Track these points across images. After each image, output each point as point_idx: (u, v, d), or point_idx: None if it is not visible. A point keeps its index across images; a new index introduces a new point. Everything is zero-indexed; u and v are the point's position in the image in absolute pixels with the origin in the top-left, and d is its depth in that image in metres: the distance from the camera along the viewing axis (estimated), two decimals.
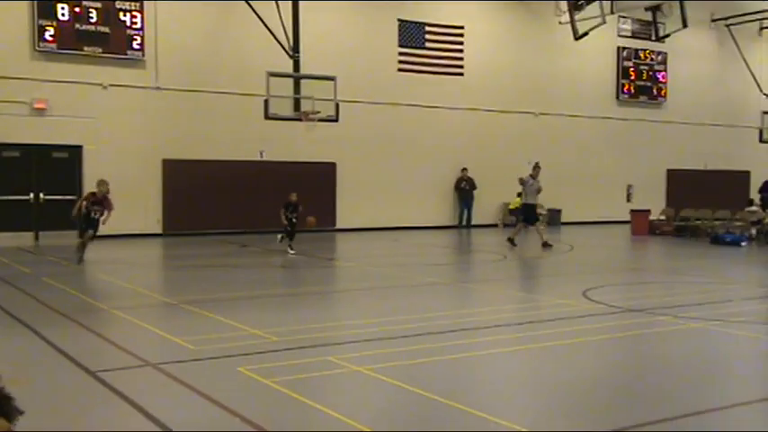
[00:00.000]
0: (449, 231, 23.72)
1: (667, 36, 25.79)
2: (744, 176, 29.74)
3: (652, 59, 28.60)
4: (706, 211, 22.86)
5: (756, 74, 29.19)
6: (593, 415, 5.57)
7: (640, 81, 28.38)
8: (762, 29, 29.93)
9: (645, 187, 28.18)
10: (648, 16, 25.56)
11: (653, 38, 26.23)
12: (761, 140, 28.31)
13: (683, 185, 28.52)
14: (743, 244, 19.52)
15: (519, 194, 20.87)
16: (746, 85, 29.35)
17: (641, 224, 23.16)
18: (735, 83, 29.86)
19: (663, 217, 24.23)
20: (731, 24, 29.14)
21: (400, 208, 23.93)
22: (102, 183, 14.16)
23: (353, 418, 5.28)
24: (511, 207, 25.61)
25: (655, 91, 28.75)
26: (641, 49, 28.29)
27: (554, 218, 26.12)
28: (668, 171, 29.11)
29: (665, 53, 28.61)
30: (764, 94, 29.04)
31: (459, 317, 9.35)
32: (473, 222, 24.90)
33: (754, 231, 20.87)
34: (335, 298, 11.69)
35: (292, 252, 15.91)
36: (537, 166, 18.79)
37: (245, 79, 20.71)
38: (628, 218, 24.24)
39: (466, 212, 24.96)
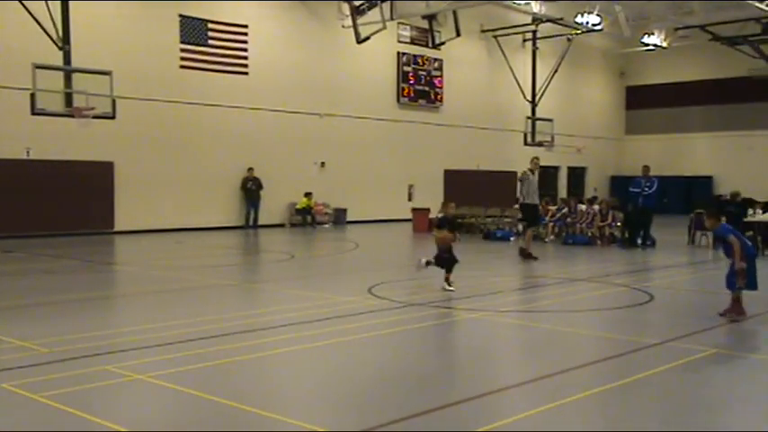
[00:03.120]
0: (235, 232, 23.34)
1: (443, 44, 27.32)
2: (511, 176, 32.28)
3: (430, 65, 30.11)
4: (479, 209, 24.46)
5: (521, 82, 31.78)
6: (380, 407, 5.71)
7: (419, 85, 29.78)
8: (524, 41, 32.63)
9: (425, 186, 29.61)
10: (426, 24, 26.89)
11: (430, 45, 27.64)
12: (526, 143, 30.87)
13: (458, 185, 30.31)
14: (511, 239, 21.12)
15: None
16: (513, 92, 31.86)
17: (422, 222, 24.26)
18: (503, 90, 32.28)
19: (441, 215, 25.53)
20: (498, 35, 31.49)
21: (184, 209, 23.17)
22: None
23: (133, 429, 4.99)
24: (298, 207, 25.77)
25: (432, 95, 30.31)
26: (419, 55, 29.68)
27: (340, 217, 26.65)
28: (446, 171, 30.81)
29: (442, 60, 30.25)
30: (528, 101, 31.66)
31: (246, 318, 9.21)
32: (260, 223, 24.72)
33: (521, 227, 22.60)
34: (114, 304, 11.03)
35: (450, 288, 11.17)
36: (536, 160, 16.75)
37: (7, 71, 18.96)
38: (410, 216, 25.31)
39: (252, 213, 24.71)
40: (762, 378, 6.74)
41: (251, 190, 24.64)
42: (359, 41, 24.36)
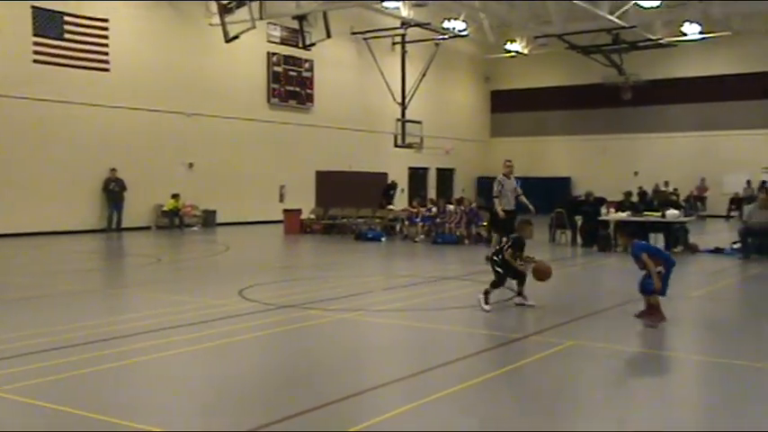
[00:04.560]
0: (97, 236, 22.30)
1: (313, 45, 27.27)
2: (382, 177, 32.64)
3: (300, 66, 29.98)
4: (351, 210, 24.61)
5: (391, 84, 32.23)
6: (253, 410, 5.62)
7: (290, 86, 29.59)
8: (394, 44, 33.13)
9: (296, 188, 29.43)
10: (296, 24, 26.76)
11: (300, 45, 27.52)
12: (396, 145, 31.36)
13: (330, 186, 30.30)
14: (382, 239, 21.38)
15: (489, 207, 17.05)
16: (383, 94, 32.25)
17: (293, 223, 24.13)
18: (374, 91, 32.62)
19: (313, 216, 25.53)
20: (368, 38, 31.80)
21: (41, 212, 21.88)
22: None
23: None
24: (165, 209, 24.96)
25: (303, 96, 30.19)
26: (290, 56, 29.49)
27: (209, 219, 26.05)
28: (317, 172, 30.73)
29: (312, 61, 30.20)
30: (398, 103, 32.15)
31: (109, 325, 8.81)
32: (124, 225, 23.75)
33: (398, 227, 22.92)
34: None
35: (487, 308, 9.70)
36: (509, 162, 16.03)
37: None
38: (281, 217, 25.09)
39: (115, 215, 23.69)
40: (613, 365, 7.16)
41: (113, 191, 23.61)
42: (227, 40, 23.92)
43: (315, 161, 30.51)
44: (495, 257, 10.07)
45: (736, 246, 17.12)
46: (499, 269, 9.92)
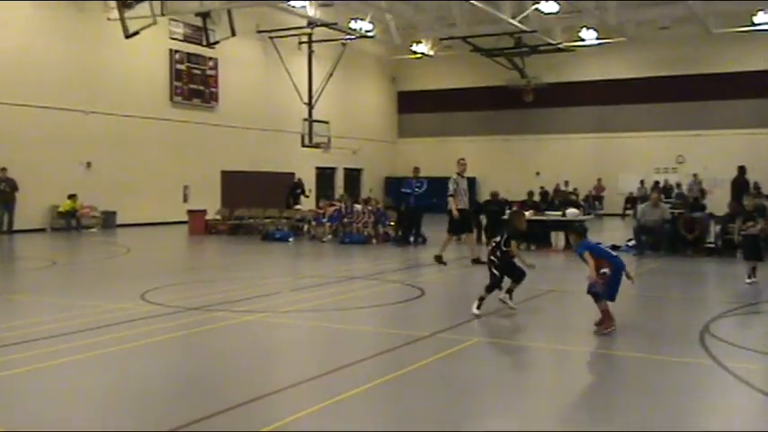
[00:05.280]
0: None
1: (217, 43, 26.74)
2: (289, 177, 32.44)
3: (204, 64, 29.35)
4: (258, 210, 24.30)
5: (298, 84, 32.00)
6: (158, 415, 5.43)
7: (194, 84, 28.93)
8: (300, 43, 32.91)
9: (201, 188, 28.82)
10: (199, 22, 26.17)
11: (204, 43, 26.95)
12: (303, 145, 31.17)
13: (236, 186, 29.86)
14: (290, 240, 21.19)
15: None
16: (290, 94, 31.97)
17: (198, 224, 23.62)
18: (280, 91, 32.29)
19: (218, 216, 25.07)
20: (274, 37, 31.47)
21: None
22: None
23: None
24: (60, 210, 23.95)
25: (207, 95, 29.58)
26: (194, 54, 28.83)
27: (109, 220, 25.16)
28: (223, 172, 30.22)
29: (217, 59, 29.62)
30: (305, 103, 31.96)
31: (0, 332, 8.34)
32: (16, 227, 22.62)
33: (306, 227, 22.75)
34: None
35: (477, 313, 9.22)
36: (463, 161, 15.88)
37: None
38: (185, 218, 24.51)
39: (6, 216, 22.53)
40: (516, 361, 7.32)
41: (4, 192, 22.45)
42: (127, 36, 23.16)
43: (220, 161, 29.98)
44: (493, 257, 9.46)
45: (631, 243, 17.86)
46: (496, 271, 9.34)
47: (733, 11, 30.82)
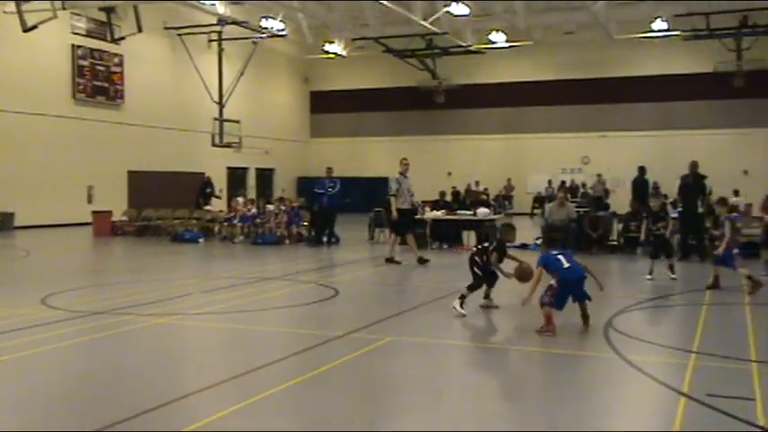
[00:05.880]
0: None
1: (123, 38, 25.97)
2: (199, 177, 31.78)
3: (109, 61, 28.39)
4: (166, 211, 23.69)
5: (208, 82, 31.37)
6: (65, 422, 5.19)
7: (98, 81, 27.92)
8: (210, 41, 32.28)
9: (107, 188, 27.87)
10: (104, 17, 25.33)
11: (109, 39, 26.10)
12: (213, 144, 30.59)
13: (144, 186, 29.02)
14: (200, 240, 20.76)
15: (386, 204, 16.42)
16: (200, 93, 31.31)
17: (103, 225, 22.88)
18: (190, 90, 31.59)
19: (125, 217, 24.32)
20: (183, 34, 30.77)
21: None
22: None
23: None
24: None
25: (113, 92, 28.62)
26: (98, 50, 27.85)
27: (6, 222, 24.00)
28: (130, 172, 29.31)
29: (123, 55, 28.71)
30: (216, 102, 31.37)
31: None
32: None
33: (217, 228, 22.29)
34: None
35: (463, 311, 9.27)
36: (405, 160, 15.59)
37: None
38: (90, 219, 23.65)
39: None
40: (430, 359, 7.38)
41: None
42: (25, 30, 22.19)
43: (127, 160, 29.09)
44: (476, 258, 9.64)
45: (539, 241, 18.31)
46: (479, 270, 9.53)
47: (633, 18, 32.10)
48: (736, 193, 28.09)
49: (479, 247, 9.91)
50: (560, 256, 8.55)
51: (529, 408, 5.82)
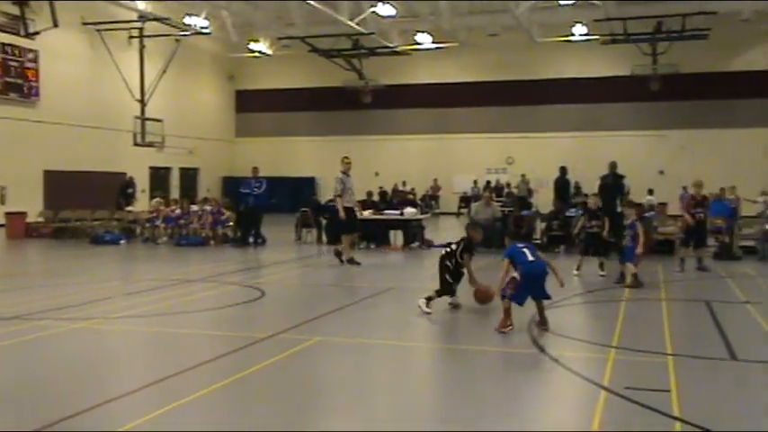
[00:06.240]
0: None
1: (37, 33, 25.01)
2: (120, 177, 30.91)
3: (23, 56, 27.28)
4: (85, 212, 22.98)
5: (129, 80, 30.53)
6: None
7: (10, 77, 26.76)
8: (131, 38, 31.43)
9: (21, 188, 26.76)
10: (16, 10, 24.35)
11: (23, 33, 25.10)
12: (135, 143, 29.80)
13: (61, 186, 28.01)
14: (122, 242, 20.21)
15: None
16: (120, 90, 30.43)
17: (17, 227, 22.07)
18: (110, 87, 30.67)
19: (41, 219, 23.47)
20: (102, 30, 29.88)
21: None
22: None
23: None
24: None
25: (27, 89, 27.51)
26: (10, 44, 26.70)
27: None
28: (46, 172, 28.26)
29: (38, 51, 27.64)
30: (137, 100, 30.57)
31: None
32: None
33: (139, 230, 21.72)
34: None
35: (429, 310, 9.29)
36: (347, 159, 15.28)
37: None
38: (2, 221, 22.72)
39: None
40: (358, 359, 7.37)
41: None
42: None
43: (43, 159, 28.04)
44: (447, 263, 9.56)
45: None
46: (450, 277, 9.50)
47: (555, 22, 32.88)
48: (651, 192, 29.14)
49: (448, 250, 9.82)
50: (525, 250, 8.55)
51: (454, 406, 5.87)
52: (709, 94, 34.36)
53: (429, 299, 9.36)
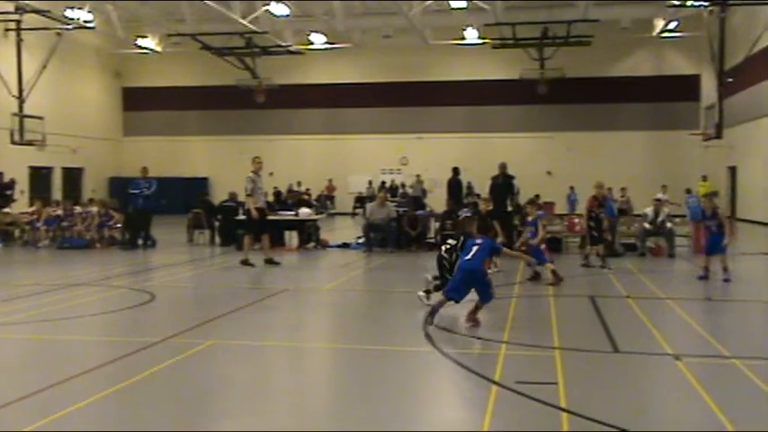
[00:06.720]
0: None
1: None
2: None
3: None
4: None
5: (6, 76, 28.91)
6: None
7: None
8: (7, 30, 29.77)
9: None
10: None
11: None
12: (13, 142, 28.26)
13: None
14: None
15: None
16: None
17: None
18: None
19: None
20: None
21: None
22: None
23: None
24: None
25: None
26: None
27: None
28: None
29: None
30: (15, 97, 29.00)
31: None
32: None
33: (18, 232, 20.60)
34: None
35: (429, 301, 9.33)
36: (258, 159, 15.02)
37: None
38: None
39: None
40: (253, 361, 7.26)
41: None
42: None
43: None
44: (444, 261, 9.57)
45: (360, 240, 18.64)
46: (448, 275, 9.43)
47: (447, 25, 33.50)
48: (537, 197, 30.15)
49: (448, 246, 9.90)
50: (474, 247, 8.65)
51: (350, 406, 5.87)
52: (593, 98, 36.02)
53: (428, 292, 9.61)
